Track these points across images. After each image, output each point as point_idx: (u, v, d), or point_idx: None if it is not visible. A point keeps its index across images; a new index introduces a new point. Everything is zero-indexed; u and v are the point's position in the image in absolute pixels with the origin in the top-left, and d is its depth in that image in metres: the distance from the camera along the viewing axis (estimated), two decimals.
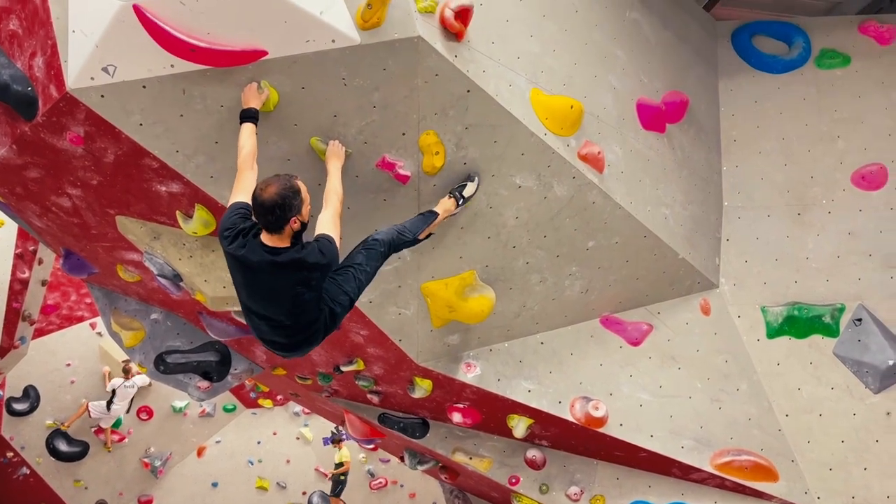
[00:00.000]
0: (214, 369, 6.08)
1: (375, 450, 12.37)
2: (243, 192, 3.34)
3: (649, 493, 5.41)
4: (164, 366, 5.91)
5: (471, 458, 5.77)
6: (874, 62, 5.89)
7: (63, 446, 11.89)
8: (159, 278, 4.80)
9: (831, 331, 5.59)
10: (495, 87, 4.03)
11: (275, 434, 13.75)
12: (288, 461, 13.54)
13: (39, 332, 11.77)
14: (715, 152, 5.85)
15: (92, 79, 3.42)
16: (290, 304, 3.32)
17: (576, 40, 4.71)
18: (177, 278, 4.75)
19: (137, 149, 3.71)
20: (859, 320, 5.53)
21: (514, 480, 5.64)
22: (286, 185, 3.13)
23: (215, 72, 3.49)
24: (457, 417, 5.41)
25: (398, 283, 4.53)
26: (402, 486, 13.27)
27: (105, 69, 3.41)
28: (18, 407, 11.70)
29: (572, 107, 4.46)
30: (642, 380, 5.27)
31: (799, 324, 5.62)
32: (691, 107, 5.55)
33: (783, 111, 5.87)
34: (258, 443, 13.57)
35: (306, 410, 13.32)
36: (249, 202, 3.26)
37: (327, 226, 3.36)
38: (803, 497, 5.17)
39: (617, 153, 4.84)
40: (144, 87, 3.47)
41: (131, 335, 5.97)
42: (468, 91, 3.91)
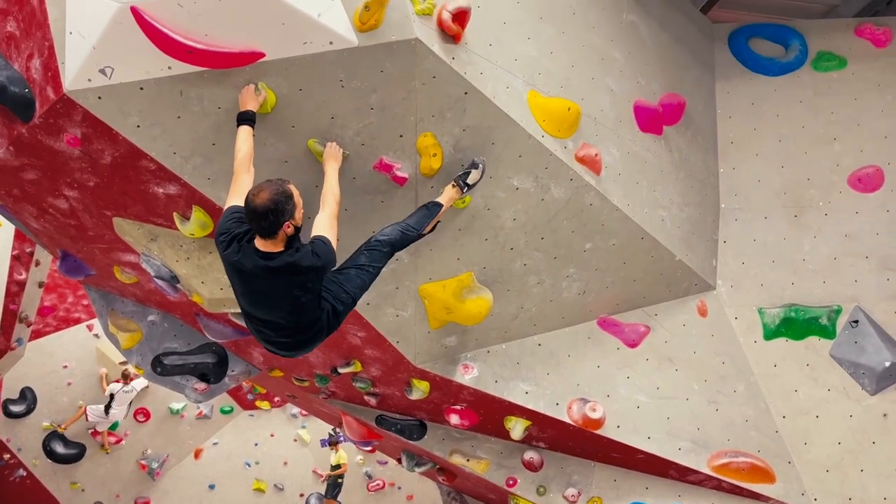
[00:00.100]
0: (211, 371, 6.06)
1: (373, 452, 12.39)
2: (239, 195, 3.31)
3: (646, 495, 5.41)
4: (162, 367, 5.89)
5: (468, 460, 5.77)
6: (870, 65, 5.91)
7: (60, 448, 11.86)
8: (156, 280, 4.79)
9: (828, 332, 5.59)
10: (493, 89, 4.03)
11: (272, 436, 13.74)
12: (285, 463, 13.53)
13: (36, 334, 11.73)
14: (712, 154, 5.86)
15: (89, 80, 3.41)
16: (288, 308, 3.32)
17: (573, 42, 4.71)
18: (174, 280, 4.75)
19: (134, 150, 3.71)
20: (856, 322, 5.54)
21: (511, 482, 5.64)
22: (278, 191, 3.11)
23: (213, 73, 3.49)
24: (454, 419, 5.41)
25: (396, 284, 4.53)
26: (400, 488, 13.26)
27: (102, 71, 3.40)
28: (15, 409, 11.67)
29: (570, 109, 4.47)
30: (639, 381, 5.28)
31: (796, 325, 5.62)
32: (688, 109, 5.57)
33: (780, 113, 5.88)
34: (255, 445, 13.56)
35: (304, 412, 13.30)
36: None
37: (323, 227, 3.36)
38: (800, 499, 5.18)
39: (614, 155, 4.85)
40: (142, 88, 3.47)
41: (128, 337, 5.96)
42: (466, 93, 3.91)
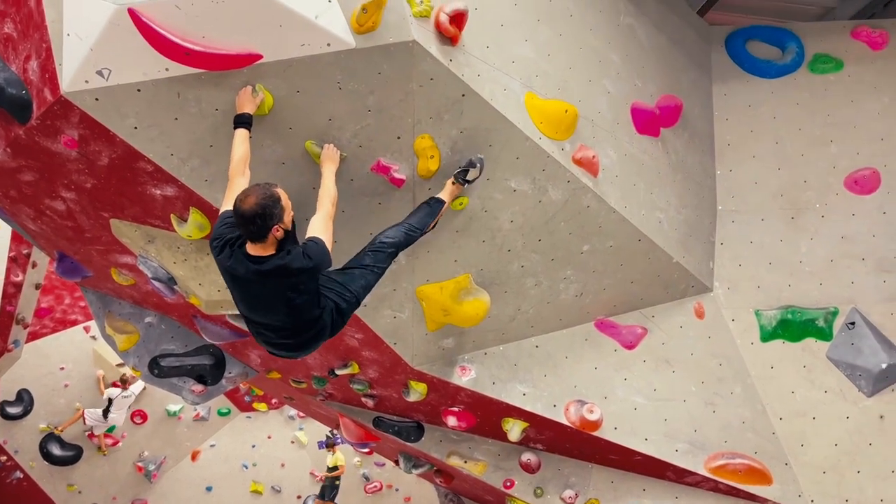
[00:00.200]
0: (209, 373, 6.05)
1: (370, 453, 12.34)
2: (234, 200, 3.31)
3: (644, 497, 5.41)
4: (159, 369, 5.88)
5: (465, 462, 5.77)
6: (867, 67, 5.93)
7: (57, 450, 11.83)
8: (153, 282, 4.78)
9: (825, 334, 5.61)
10: (490, 91, 4.03)
11: (269, 438, 13.72)
12: (283, 465, 13.52)
13: (33, 336, 11.71)
14: (709, 156, 5.87)
15: (86, 82, 3.41)
16: (284, 310, 3.33)
17: (570, 44, 4.72)
18: (171, 282, 4.74)
19: (132, 152, 3.70)
20: (852, 324, 5.55)
21: (508, 484, 5.64)
22: (265, 195, 3.11)
23: (210, 75, 3.49)
24: (452, 421, 5.40)
25: (393, 286, 4.52)
26: (398, 490, 13.24)
27: (100, 72, 3.40)
28: (12, 411, 11.65)
29: (567, 111, 4.48)
30: (637, 383, 5.28)
31: (792, 327, 5.63)
32: (685, 111, 5.57)
33: (777, 115, 5.90)
34: (253, 447, 13.54)
35: (301, 414, 13.29)
36: None
37: (318, 229, 3.37)
38: (797, 500, 5.18)
39: (611, 157, 4.85)
40: (139, 90, 3.47)
41: (125, 339, 5.95)
42: (463, 95, 3.91)
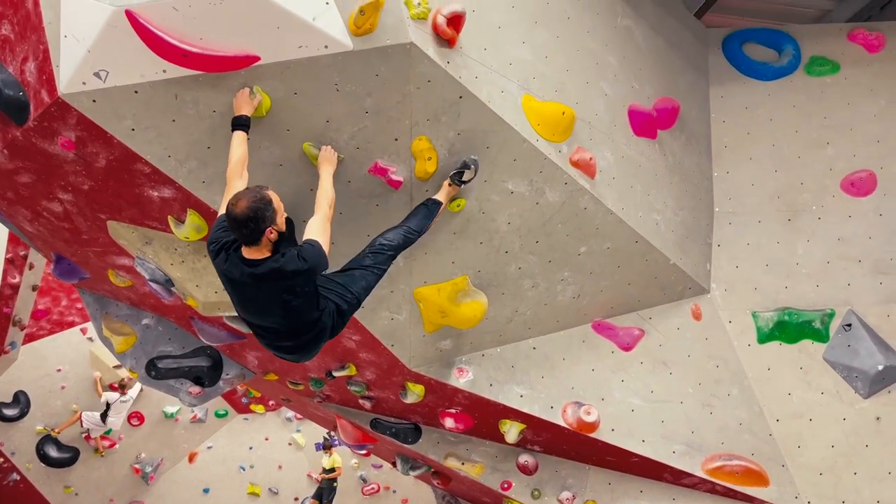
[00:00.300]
0: (206, 374, 6.05)
1: (368, 455, 12.33)
2: None
3: (641, 498, 5.41)
4: (156, 371, 5.87)
5: (463, 464, 5.77)
6: (863, 69, 5.95)
7: (53, 452, 11.80)
8: (151, 283, 4.78)
9: (821, 336, 5.61)
10: (487, 93, 4.04)
11: (267, 439, 13.70)
12: (280, 467, 13.50)
13: (30, 338, 11.70)
14: (706, 158, 5.88)
15: (84, 84, 3.41)
16: (281, 313, 3.33)
17: (568, 47, 4.73)
18: (168, 283, 4.74)
19: (129, 154, 3.71)
20: (849, 325, 5.56)
21: (506, 485, 5.64)
22: (256, 198, 3.12)
23: (208, 77, 3.49)
24: (449, 422, 5.40)
25: (390, 288, 4.53)
26: (395, 492, 13.23)
27: (97, 74, 3.40)
28: (8, 412, 11.62)
29: (564, 113, 4.48)
30: (634, 385, 5.29)
31: (789, 329, 5.64)
32: (682, 113, 5.58)
33: (773, 118, 5.91)
34: (250, 448, 13.52)
35: (298, 416, 13.27)
36: None
37: (314, 230, 3.37)
38: (794, 502, 5.19)
39: (608, 159, 4.86)
40: (136, 92, 3.47)
41: (122, 340, 5.94)
42: (460, 97, 3.92)
